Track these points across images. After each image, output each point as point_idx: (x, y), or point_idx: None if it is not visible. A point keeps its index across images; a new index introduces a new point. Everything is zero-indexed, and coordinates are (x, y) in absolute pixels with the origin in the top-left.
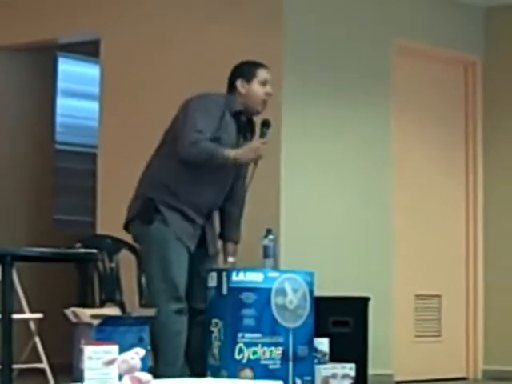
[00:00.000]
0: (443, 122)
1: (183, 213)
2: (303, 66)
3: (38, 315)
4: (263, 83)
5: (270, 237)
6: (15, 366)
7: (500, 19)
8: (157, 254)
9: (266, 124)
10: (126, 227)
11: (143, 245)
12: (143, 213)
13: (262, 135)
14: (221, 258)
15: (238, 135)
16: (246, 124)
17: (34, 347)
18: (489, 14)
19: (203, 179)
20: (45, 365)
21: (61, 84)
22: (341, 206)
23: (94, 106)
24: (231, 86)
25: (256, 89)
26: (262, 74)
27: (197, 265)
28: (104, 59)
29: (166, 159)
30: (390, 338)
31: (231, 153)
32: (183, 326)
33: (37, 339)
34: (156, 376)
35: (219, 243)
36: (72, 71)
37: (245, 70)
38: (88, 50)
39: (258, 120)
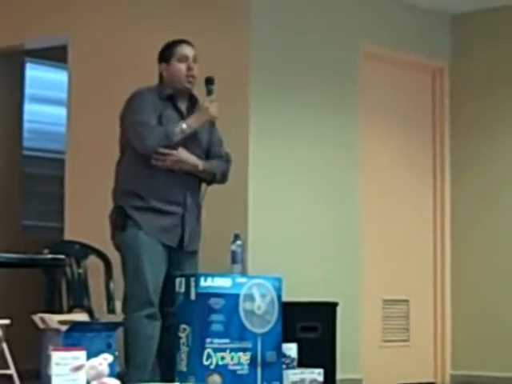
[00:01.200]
0: (411, 127)
1: (155, 209)
2: (271, 70)
3: (5, 321)
4: (183, 60)
5: (238, 242)
6: None
7: (467, 26)
8: (130, 260)
9: (208, 81)
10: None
11: (120, 252)
12: (117, 222)
13: (209, 93)
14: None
15: (182, 117)
16: (187, 103)
17: (1, 353)
18: (456, 20)
19: (159, 167)
20: (12, 371)
21: (28, 89)
22: (308, 210)
23: (62, 111)
24: (160, 75)
25: (176, 67)
26: (179, 50)
27: (176, 265)
28: (72, 65)
29: (125, 166)
30: (358, 343)
31: (183, 124)
32: (155, 331)
33: (4, 345)
34: (125, 381)
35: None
36: (40, 77)
37: (163, 53)
38: (56, 56)
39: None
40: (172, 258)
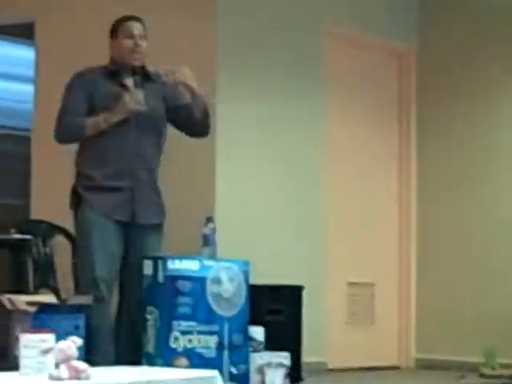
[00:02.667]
0: (377, 109)
1: (103, 187)
2: (236, 51)
3: None
4: (129, 36)
5: (211, 225)
6: None
7: (434, 8)
8: (80, 241)
9: (134, 72)
10: None
11: (75, 233)
12: (71, 204)
13: (135, 85)
14: None
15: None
16: (138, 78)
17: None
18: (423, 2)
19: (106, 145)
20: None
21: None
22: (275, 194)
23: (29, 89)
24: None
25: (121, 43)
26: (126, 27)
27: (135, 241)
28: (39, 42)
29: (78, 150)
30: (323, 326)
31: (100, 118)
32: (103, 314)
33: None
34: (92, 364)
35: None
36: (7, 54)
37: (112, 29)
38: (23, 33)
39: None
40: (129, 234)
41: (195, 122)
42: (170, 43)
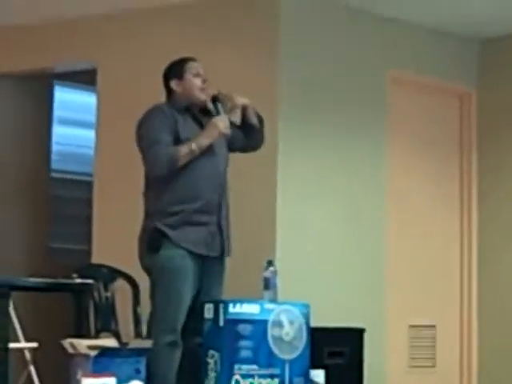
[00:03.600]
0: (438, 152)
1: (191, 223)
2: (298, 96)
3: (33, 344)
4: (197, 75)
5: (272, 268)
6: None
7: (495, 51)
8: (163, 283)
9: (215, 99)
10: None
11: (152, 275)
12: (150, 242)
13: (217, 112)
14: None
15: (202, 128)
16: (203, 115)
17: (29, 376)
18: (484, 45)
19: (193, 178)
20: None
21: (57, 112)
22: (335, 236)
23: (90, 134)
24: (168, 92)
25: (192, 82)
26: (193, 66)
27: (208, 274)
28: (100, 88)
29: (151, 187)
30: (384, 368)
31: (192, 145)
32: (174, 360)
33: (32, 368)
34: None
35: None
36: (68, 99)
37: (174, 69)
38: (84, 79)
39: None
40: (204, 267)
41: (255, 130)
42: (232, 86)
